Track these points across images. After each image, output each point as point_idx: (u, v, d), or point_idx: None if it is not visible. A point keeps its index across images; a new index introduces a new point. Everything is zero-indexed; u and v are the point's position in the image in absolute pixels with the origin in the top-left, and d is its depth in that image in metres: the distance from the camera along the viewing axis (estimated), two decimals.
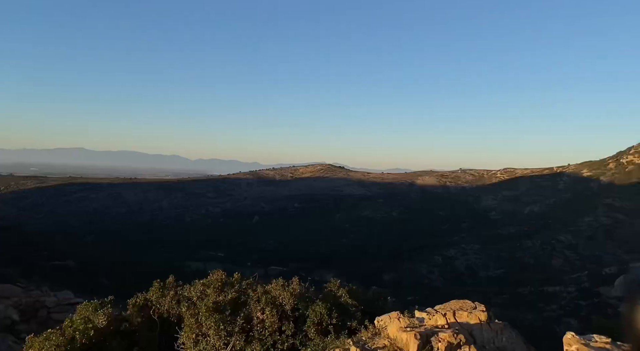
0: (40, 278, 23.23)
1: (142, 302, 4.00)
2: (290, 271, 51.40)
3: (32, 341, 3.34)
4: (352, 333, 3.48)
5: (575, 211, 77.40)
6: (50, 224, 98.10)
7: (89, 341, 3.32)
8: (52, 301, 7.80)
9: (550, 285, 51.02)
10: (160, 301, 3.97)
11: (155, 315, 3.89)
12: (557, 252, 66.98)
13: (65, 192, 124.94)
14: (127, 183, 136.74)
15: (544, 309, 44.56)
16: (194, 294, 3.95)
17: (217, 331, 3.19)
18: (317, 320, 3.48)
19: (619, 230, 69.67)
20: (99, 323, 3.57)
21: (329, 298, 3.94)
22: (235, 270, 5.02)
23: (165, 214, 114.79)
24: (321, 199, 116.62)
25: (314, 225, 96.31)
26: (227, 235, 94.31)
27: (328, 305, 3.62)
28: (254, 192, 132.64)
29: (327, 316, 3.51)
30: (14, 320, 7.08)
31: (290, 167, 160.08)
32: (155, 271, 25.82)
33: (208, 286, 3.94)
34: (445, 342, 2.63)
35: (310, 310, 3.52)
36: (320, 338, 3.36)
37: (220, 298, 3.59)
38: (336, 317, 3.55)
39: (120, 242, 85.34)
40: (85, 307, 3.84)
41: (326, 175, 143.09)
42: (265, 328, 3.37)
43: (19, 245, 39.03)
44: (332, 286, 4.29)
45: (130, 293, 4.91)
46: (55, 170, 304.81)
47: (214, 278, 4.07)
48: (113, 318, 3.74)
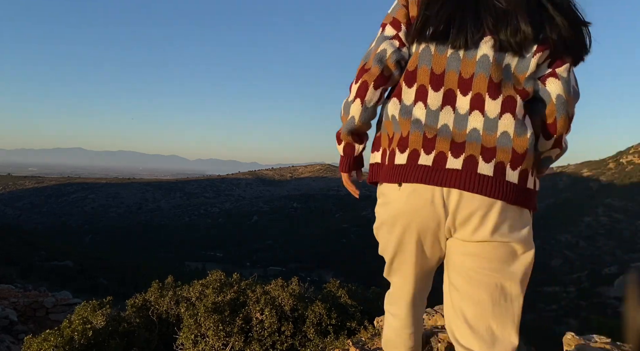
0: (38, 278, 23.24)
1: (140, 303, 3.99)
2: (290, 271, 51.54)
3: (31, 341, 3.32)
4: (352, 333, 3.47)
5: (575, 211, 77.56)
6: (49, 224, 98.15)
7: (88, 341, 3.31)
8: (50, 301, 7.79)
9: (550, 285, 51.13)
10: (158, 302, 3.95)
11: (153, 316, 3.87)
12: (556, 252, 67.11)
13: (63, 192, 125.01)
14: (126, 184, 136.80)
15: (544, 309, 44.65)
16: (192, 294, 3.94)
17: (216, 331, 3.18)
18: (317, 320, 3.47)
19: (619, 230, 69.84)
20: (98, 324, 3.56)
21: (329, 298, 3.93)
22: (234, 270, 5.01)
23: (164, 214, 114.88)
24: (320, 199, 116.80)
25: (313, 225, 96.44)
26: (226, 236, 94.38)
27: (327, 305, 3.61)
28: (253, 192, 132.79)
29: (326, 317, 3.50)
30: (12, 320, 7.07)
31: (290, 167, 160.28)
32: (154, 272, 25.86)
33: (207, 286, 3.93)
34: (445, 342, 2.63)
35: (309, 311, 3.51)
36: (319, 339, 3.35)
37: (219, 299, 3.58)
38: (335, 317, 3.54)
39: (119, 242, 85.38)
40: (84, 308, 3.83)
41: (325, 175, 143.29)
42: (265, 328, 3.36)
43: (17, 245, 39.04)
44: (331, 287, 4.29)
45: (128, 294, 4.92)
46: (53, 170, 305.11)
47: (212, 279, 4.05)
48: (111, 318, 3.73)
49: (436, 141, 1.16)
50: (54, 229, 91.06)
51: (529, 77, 1.16)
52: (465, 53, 1.16)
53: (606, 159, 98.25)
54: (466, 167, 1.12)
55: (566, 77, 1.16)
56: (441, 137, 1.16)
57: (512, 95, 1.15)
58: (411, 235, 1.21)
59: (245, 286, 3.93)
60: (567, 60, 1.17)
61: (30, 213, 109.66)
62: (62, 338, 3.25)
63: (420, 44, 1.22)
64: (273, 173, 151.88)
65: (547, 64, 1.17)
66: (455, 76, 1.17)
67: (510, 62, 1.16)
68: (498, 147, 1.13)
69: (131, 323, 3.74)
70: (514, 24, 1.13)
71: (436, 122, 1.17)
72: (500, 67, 1.15)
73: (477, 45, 1.15)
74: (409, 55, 1.25)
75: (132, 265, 46.62)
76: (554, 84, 1.16)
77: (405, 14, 1.25)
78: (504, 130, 1.13)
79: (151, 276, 5.10)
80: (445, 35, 1.17)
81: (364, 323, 3.29)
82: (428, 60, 1.20)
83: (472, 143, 1.14)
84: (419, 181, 1.15)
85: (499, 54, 1.15)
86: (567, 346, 2.67)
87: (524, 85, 1.16)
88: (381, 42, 1.26)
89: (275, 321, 3.33)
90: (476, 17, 1.15)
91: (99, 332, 3.40)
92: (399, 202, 1.20)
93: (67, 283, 23.18)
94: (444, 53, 1.18)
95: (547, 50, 1.15)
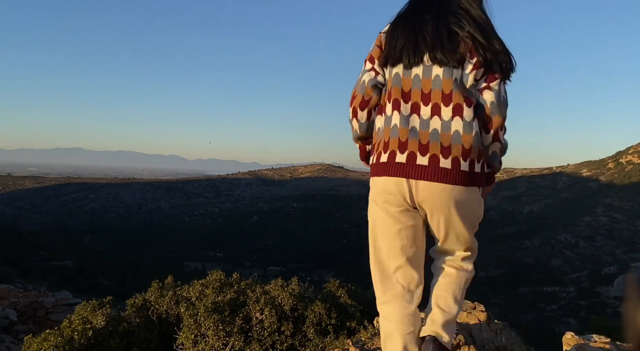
0: (38, 278, 23.22)
1: (140, 302, 3.99)
2: (290, 271, 51.45)
3: (31, 341, 3.32)
4: (351, 333, 3.47)
5: (575, 211, 77.54)
6: (49, 224, 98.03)
7: (88, 341, 3.31)
8: (50, 301, 7.78)
9: (550, 285, 51.10)
10: (158, 302, 3.95)
11: (153, 316, 3.87)
12: (556, 251, 67.08)
13: (63, 192, 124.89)
14: (126, 184, 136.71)
15: (543, 309, 44.63)
16: (192, 294, 3.94)
17: (216, 331, 3.18)
18: (316, 320, 3.47)
19: (619, 230, 69.81)
20: (98, 324, 3.56)
21: (328, 298, 3.93)
22: (234, 270, 5.01)
23: (164, 214, 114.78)
24: (320, 199, 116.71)
25: (313, 225, 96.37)
26: (226, 235, 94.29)
27: (327, 305, 3.61)
28: (252, 192, 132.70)
29: (326, 317, 3.50)
30: (12, 320, 7.07)
31: (289, 167, 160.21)
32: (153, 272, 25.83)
33: (207, 286, 3.93)
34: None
35: (309, 311, 3.51)
36: (319, 339, 3.35)
37: (219, 299, 3.58)
38: (335, 317, 3.54)
39: (119, 242, 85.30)
40: (84, 308, 3.83)
41: (325, 175, 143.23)
42: (264, 328, 3.36)
43: (16, 245, 39.01)
44: (331, 287, 4.29)
45: (128, 294, 4.91)
46: (53, 170, 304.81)
47: (212, 279, 4.05)
48: (111, 318, 3.73)
49: (408, 143, 1.64)
50: (54, 229, 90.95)
51: (469, 87, 1.64)
52: (424, 74, 1.66)
53: (606, 159, 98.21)
54: (431, 163, 1.61)
55: (497, 89, 1.65)
56: (411, 139, 1.64)
57: (459, 103, 1.62)
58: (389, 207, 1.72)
59: (245, 286, 3.93)
60: (498, 76, 1.65)
61: (30, 213, 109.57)
62: (62, 338, 3.25)
63: (390, 68, 1.72)
64: (273, 173, 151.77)
65: (483, 79, 1.65)
66: (418, 92, 1.67)
67: (457, 76, 1.63)
68: (452, 143, 1.60)
69: (131, 323, 3.74)
70: (452, 44, 1.62)
71: (407, 125, 1.65)
72: (449, 81, 1.63)
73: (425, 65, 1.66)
74: (385, 80, 1.76)
75: (132, 265, 46.55)
76: (488, 94, 1.64)
77: (378, 51, 1.78)
78: (456, 129, 1.61)
79: (151, 277, 5.10)
80: (400, 60, 1.68)
81: (364, 323, 3.29)
82: (398, 82, 1.70)
83: (434, 143, 1.61)
84: (397, 175, 1.65)
85: (447, 70, 1.63)
86: (567, 346, 2.67)
87: (468, 94, 1.63)
88: (363, 74, 1.80)
89: (275, 321, 3.33)
90: (417, 43, 1.66)
91: (99, 332, 3.40)
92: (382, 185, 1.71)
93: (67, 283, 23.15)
94: (409, 76, 1.69)
95: (481, 68, 1.63)
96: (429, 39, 1.64)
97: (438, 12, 1.66)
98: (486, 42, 1.62)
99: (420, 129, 1.63)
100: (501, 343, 2.81)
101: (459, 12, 1.65)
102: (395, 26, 1.73)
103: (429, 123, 1.63)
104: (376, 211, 1.78)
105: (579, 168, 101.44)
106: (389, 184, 1.67)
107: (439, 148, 1.60)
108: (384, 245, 1.78)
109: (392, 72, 1.71)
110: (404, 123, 1.65)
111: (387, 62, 1.73)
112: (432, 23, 1.65)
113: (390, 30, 1.75)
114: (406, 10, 1.76)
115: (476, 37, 1.60)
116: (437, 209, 1.66)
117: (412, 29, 1.68)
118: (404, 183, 1.64)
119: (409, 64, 1.66)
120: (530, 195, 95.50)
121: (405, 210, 1.71)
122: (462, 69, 1.63)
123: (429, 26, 1.65)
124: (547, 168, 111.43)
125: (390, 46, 1.71)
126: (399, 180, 1.65)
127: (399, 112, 1.67)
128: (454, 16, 1.65)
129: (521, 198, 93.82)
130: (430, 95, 1.64)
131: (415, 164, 1.61)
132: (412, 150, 1.62)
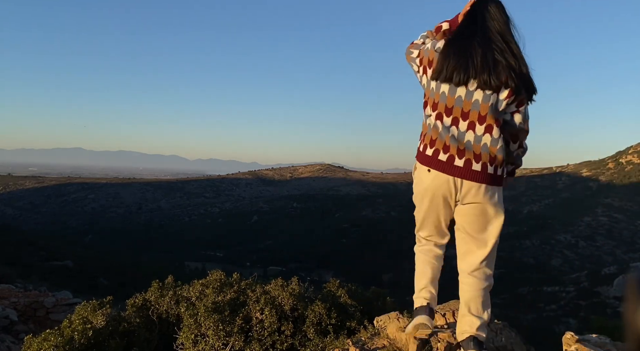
0: (38, 278, 23.19)
1: (140, 302, 3.99)
2: (290, 271, 51.42)
3: (31, 341, 3.32)
4: (351, 333, 3.47)
5: (575, 211, 77.56)
6: (49, 224, 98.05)
7: (88, 341, 3.31)
8: (50, 301, 7.78)
9: (550, 285, 51.08)
10: (159, 302, 3.95)
11: (154, 316, 3.87)
12: (556, 252, 67.09)
13: (63, 192, 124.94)
14: (126, 184, 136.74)
15: (543, 309, 44.63)
16: (192, 294, 3.94)
17: (216, 331, 3.18)
18: (316, 320, 3.47)
19: (618, 230, 69.83)
20: (98, 324, 3.56)
21: (328, 298, 3.93)
22: (234, 270, 5.01)
23: (164, 214, 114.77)
24: (320, 199, 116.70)
25: (313, 225, 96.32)
26: (226, 235, 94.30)
27: (327, 305, 3.61)
28: (252, 192, 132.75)
29: (326, 317, 3.50)
30: (12, 320, 7.06)
31: (289, 167, 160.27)
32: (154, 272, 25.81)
33: (207, 286, 3.93)
34: (445, 342, 2.63)
35: (309, 310, 3.51)
36: (319, 338, 3.35)
37: (219, 299, 3.58)
38: (335, 317, 3.54)
39: (119, 242, 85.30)
40: (84, 307, 3.82)
41: (325, 175, 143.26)
42: (264, 328, 3.36)
43: (17, 245, 38.97)
44: (331, 286, 4.29)
45: (129, 293, 4.91)
46: (53, 170, 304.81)
47: (212, 279, 4.05)
48: (112, 318, 3.73)
49: (450, 147, 2.07)
50: (54, 229, 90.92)
51: (501, 112, 2.07)
52: (466, 97, 2.06)
53: (605, 159, 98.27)
54: (465, 165, 2.06)
55: (524, 112, 2.11)
56: (452, 144, 2.07)
57: (491, 124, 2.06)
58: (433, 202, 2.17)
59: (245, 286, 3.93)
60: (524, 101, 2.08)
61: (30, 213, 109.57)
62: (62, 337, 3.25)
63: (438, 84, 2.11)
64: (273, 173, 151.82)
65: (514, 104, 2.07)
66: (459, 110, 2.08)
67: (493, 101, 2.03)
68: (482, 152, 2.06)
69: (131, 323, 3.74)
70: (496, 72, 1.99)
71: (449, 133, 2.08)
72: (486, 106, 2.03)
73: (468, 89, 2.05)
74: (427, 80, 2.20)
75: (132, 265, 46.54)
76: (518, 116, 2.11)
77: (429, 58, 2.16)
78: (485, 142, 2.06)
79: (151, 276, 5.09)
80: (450, 80, 2.06)
81: (364, 323, 3.28)
82: (444, 99, 2.10)
83: (469, 150, 2.06)
84: (439, 170, 2.09)
85: (485, 95, 2.02)
86: (567, 346, 2.67)
87: (499, 117, 2.07)
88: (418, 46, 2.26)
89: (275, 320, 3.34)
90: (467, 67, 2.02)
91: (99, 332, 3.40)
92: (427, 181, 2.14)
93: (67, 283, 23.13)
94: (453, 95, 2.08)
95: (513, 95, 2.03)
96: (478, 65, 2.00)
97: (483, 41, 2.04)
98: (520, 71, 2.00)
99: (458, 138, 2.07)
100: (501, 343, 2.81)
101: (499, 43, 2.03)
102: (448, 47, 2.08)
103: (465, 135, 2.06)
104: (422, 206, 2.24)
105: (579, 168, 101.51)
106: (436, 180, 2.11)
107: (472, 154, 2.05)
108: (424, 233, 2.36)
109: (440, 89, 2.10)
110: (446, 131, 2.08)
111: (437, 78, 2.10)
112: (482, 51, 2.02)
113: (443, 50, 2.09)
114: (455, 36, 2.12)
115: (514, 67, 1.99)
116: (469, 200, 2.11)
117: (463, 54, 2.03)
118: (449, 180, 2.07)
119: (458, 83, 2.04)
120: (530, 195, 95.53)
121: (447, 206, 2.17)
122: (498, 94, 2.02)
123: (479, 54, 2.02)
124: (547, 168, 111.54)
125: (443, 65, 2.06)
126: (443, 176, 2.08)
127: (441, 122, 2.10)
128: (497, 46, 2.02)
129: (521, 198, 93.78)
130: (468, 114, 2.06)
131: (453, 164, 2.06)
132: (452, 153, 2.06)
